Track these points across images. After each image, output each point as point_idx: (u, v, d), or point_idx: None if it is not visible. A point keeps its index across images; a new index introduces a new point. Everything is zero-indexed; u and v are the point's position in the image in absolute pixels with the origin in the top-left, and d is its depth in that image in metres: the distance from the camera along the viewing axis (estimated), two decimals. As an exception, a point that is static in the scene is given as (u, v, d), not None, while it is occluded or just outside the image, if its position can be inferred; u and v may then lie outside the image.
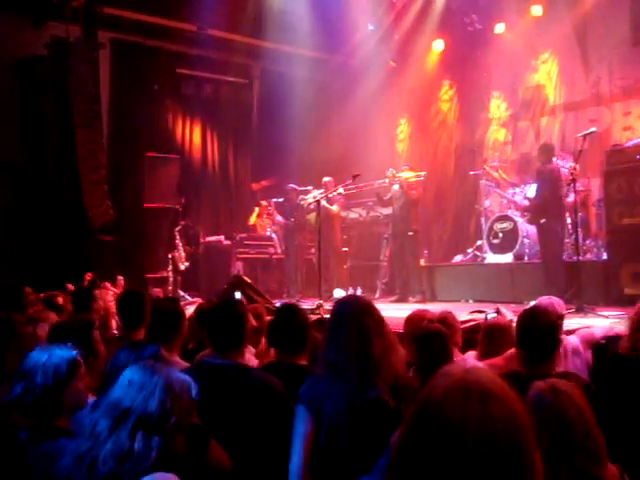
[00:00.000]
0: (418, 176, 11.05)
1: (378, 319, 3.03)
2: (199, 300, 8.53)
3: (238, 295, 6.96)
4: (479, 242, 11.58)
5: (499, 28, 12.54)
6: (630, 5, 10.79)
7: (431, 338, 3.61)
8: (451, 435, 1.24)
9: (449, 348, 3.68)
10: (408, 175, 10.95)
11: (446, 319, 4.41)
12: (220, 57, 13.52)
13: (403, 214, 10.80)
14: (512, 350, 3.82)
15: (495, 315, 5.16)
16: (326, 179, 11.38)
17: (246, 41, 13.48)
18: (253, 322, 3.88)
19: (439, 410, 1.27)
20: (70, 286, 8.21)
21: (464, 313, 6.68)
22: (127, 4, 11.97)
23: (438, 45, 13.47)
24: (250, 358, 4.16)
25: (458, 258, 12.06)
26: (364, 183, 11.30)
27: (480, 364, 3.91)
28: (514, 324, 3.93)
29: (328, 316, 5.20)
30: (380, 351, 2.90)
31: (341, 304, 3.20)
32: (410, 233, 10.73)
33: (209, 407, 2.75)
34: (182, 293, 11.21)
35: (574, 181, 8.13)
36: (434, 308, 6.07)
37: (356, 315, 3.00)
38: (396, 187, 10.90)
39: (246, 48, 13.68)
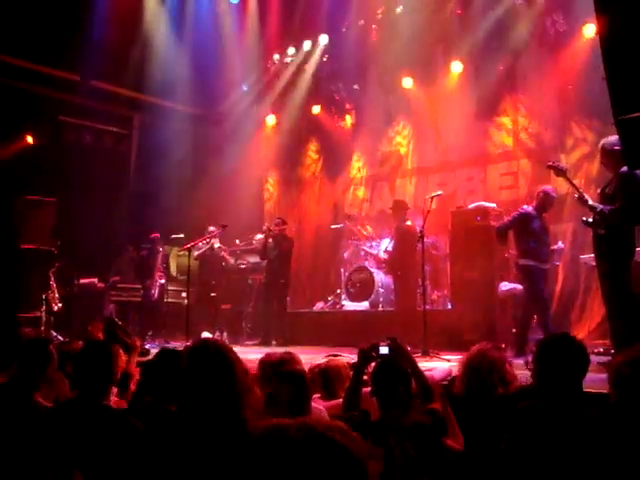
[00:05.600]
0: (290, 229, 11.32)
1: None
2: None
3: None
4: (338, 291, 11.84)
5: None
6: (475, 86, 11.51)
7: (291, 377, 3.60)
8: None
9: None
10: (281, 228, 11.21)
11: (287, 357, 4.45)
12: (101, 107, 13.27)
13: (277, 264, 11.06)
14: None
15: None
16: (211, 228, 11.40)
17: (127, 93, 13.36)
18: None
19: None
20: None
21: (321, 356, 6.75)
22: (11, 51, 11.60)
23: (314, 109, 13.84)
24: (115, 400, 3.87)
25: (319, 305, 12.29)
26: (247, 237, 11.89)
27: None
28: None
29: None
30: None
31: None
32: (282, 281, 10.99)
33: (71, 448, 2.61)
34: (54, 333, 10.82)
35: (422, 238, 8.53)
36: (295, 351, 6.10)
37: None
38: (270, 239, 11.14)
39: (127, 100, 13.56)
